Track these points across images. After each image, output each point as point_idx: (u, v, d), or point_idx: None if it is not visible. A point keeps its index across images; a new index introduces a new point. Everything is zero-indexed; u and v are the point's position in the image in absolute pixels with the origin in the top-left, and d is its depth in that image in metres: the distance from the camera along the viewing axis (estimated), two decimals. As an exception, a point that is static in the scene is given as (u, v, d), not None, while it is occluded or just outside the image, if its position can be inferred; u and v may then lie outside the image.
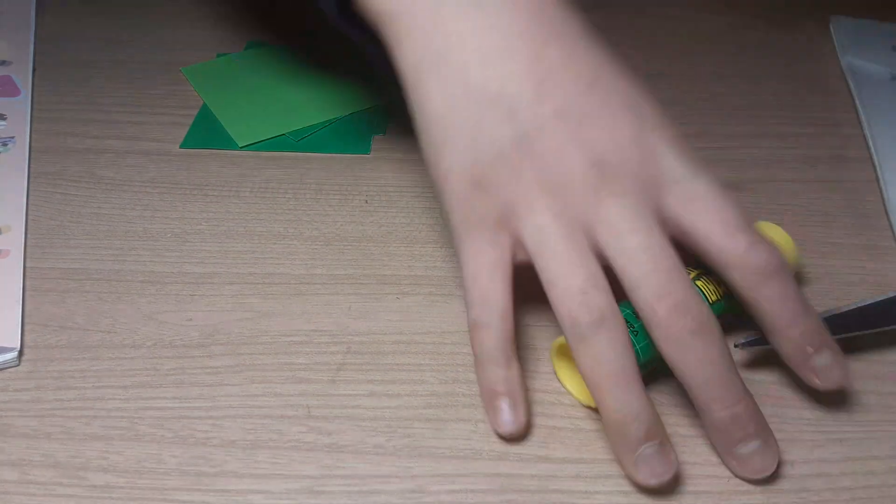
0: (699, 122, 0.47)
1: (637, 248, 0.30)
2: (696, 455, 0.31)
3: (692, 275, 0.33)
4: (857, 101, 0.49)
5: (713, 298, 0.32)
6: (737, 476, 0.30)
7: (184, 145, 0.45)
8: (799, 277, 0.38)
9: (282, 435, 0.31)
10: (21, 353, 0.34)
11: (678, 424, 0.32)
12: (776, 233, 0.36)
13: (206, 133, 0.46)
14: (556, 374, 0.33)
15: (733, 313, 0.33)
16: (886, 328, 0.33)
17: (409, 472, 0.30)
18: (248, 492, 0.30)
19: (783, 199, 0.42)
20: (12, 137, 0.44)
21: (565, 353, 0.32)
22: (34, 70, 0.49)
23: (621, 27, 0.55)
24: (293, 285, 0.37)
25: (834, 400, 0.33)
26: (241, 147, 0.45)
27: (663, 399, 0.33)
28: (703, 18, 0.57)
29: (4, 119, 0.45)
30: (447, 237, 0.40)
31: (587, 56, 0.32)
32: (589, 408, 0.32)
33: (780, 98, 0.50)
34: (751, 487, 0.30)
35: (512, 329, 0.31)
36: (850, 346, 0.35)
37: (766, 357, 0.35)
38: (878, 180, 0.43)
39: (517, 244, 0.31)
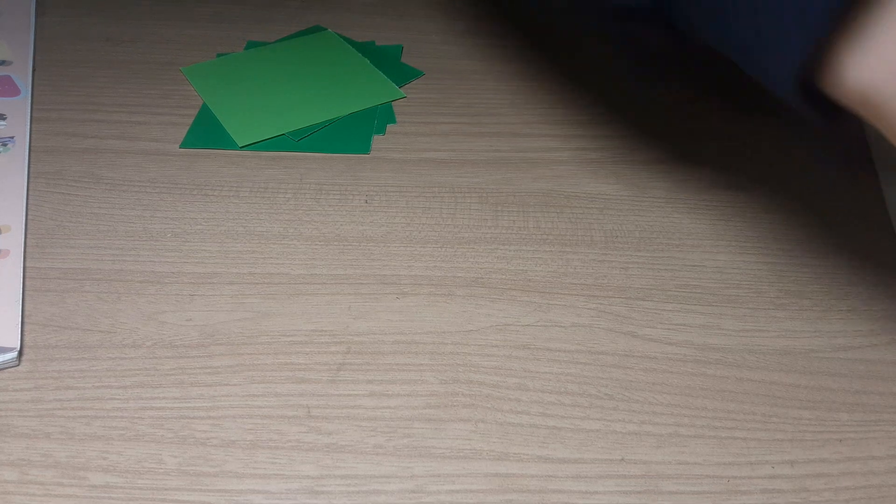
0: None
1: None
2: (696, 455, 0.31)
3: None
4: (857, 102, 0.49)
5: None
6: None
7: (184, 145, 0.45)
8: (799, 277, 0.38)
9: (282, 435, 0.31)
10: (21, 353, 0.34)
11: (678, 424, 0.32)
12: None
13: (206, 133, 0.46)
14: None
15: None
16: None
17: (409, 472, 0.30)
18: (248, 492, 0.30)
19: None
20: (12, 137, 0.44)
21: None
22: (34, 70, 0.49)
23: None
24: (293, 285, 0.37)
25: (834, 400, 0.33)
26: (241, 147, 0.45)
27: (663, 399, 0.33)
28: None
29: (4, 119, 0.45)
30: (447, 237, 0.40)
31: None
32: None
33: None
34: (751, 487, 0.30)
35: None
36: (851, 346, 0.35)
37: (767, 357, 0.35)
38: (878, 180, 0.43)
39: None
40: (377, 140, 0.45)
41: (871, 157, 0.45)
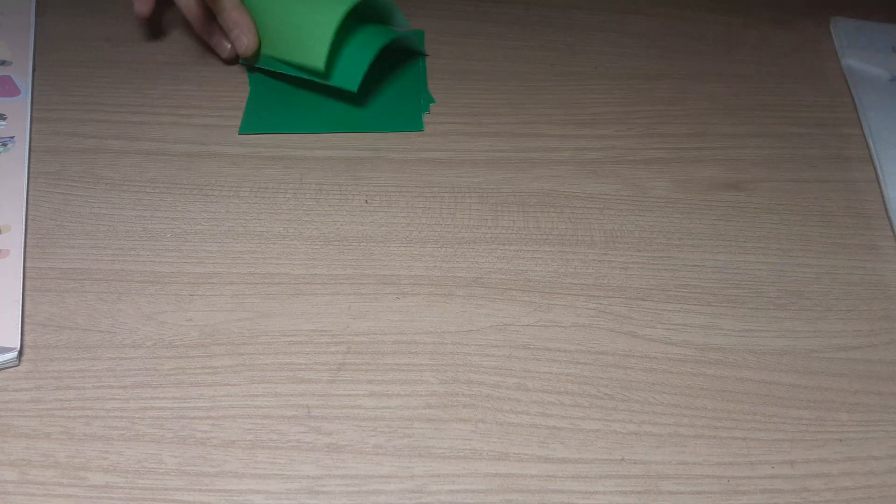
0: (699, 122, 0.47)
1: None
2: (696, 455, 0.31)
3: None
4: (857, 102, 0.49)
5: None
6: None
7: (244, 130, 0.45)
8: (799, 277, 0.38)
9: (282, 435, 0.31)
10: (21, 353, 0.34)
11: (678, 424, 0.32)
12: None
13: (268, 115, 0.46)
14: None
15: None
16: None
17: (409, 472, 0.30)
18: (248, 492, 0.30)
19: (783, 199, 0.42)
20: (12, 137, 0.44)
21: None
22: (34, 70, 0.49)
23: (621, 27, 0.55)
24: (293, 285, 0.37)
25: (833, 400, 0.33)
26: (342, 87, 0.45)
27: (663, 399, 0.33)
28: (703, 18, 0.57)
29: (4, 119, 0.45)
30: (447, 237, 0.40)
31: None
32: None
33: (780, 98, 0.50)
34: (751, 487, 0.30)
35: None
36: (851, 346, 0.35)
37: (767, 357, 0.35)
38: (878, 180, 0.44)
39: None
40: (377, 140, 0.45)
41: (871, 156, 0.45)
